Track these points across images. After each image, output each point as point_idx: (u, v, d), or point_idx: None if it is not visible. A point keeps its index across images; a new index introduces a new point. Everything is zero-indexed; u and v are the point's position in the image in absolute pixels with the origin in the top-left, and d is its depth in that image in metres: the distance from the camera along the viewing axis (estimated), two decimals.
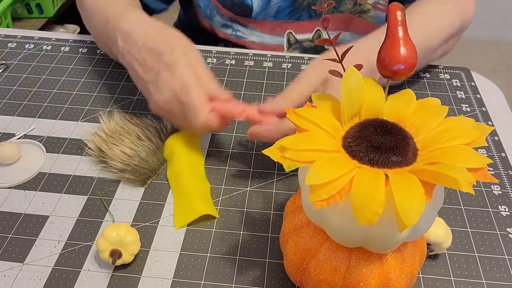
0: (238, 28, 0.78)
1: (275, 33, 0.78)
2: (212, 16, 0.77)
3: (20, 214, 0.50)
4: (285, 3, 0.74)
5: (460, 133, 0.32)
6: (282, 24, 0.77)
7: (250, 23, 0.77)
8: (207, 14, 0.77)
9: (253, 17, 0.75)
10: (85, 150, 0.56)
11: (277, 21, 0.76)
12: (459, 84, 0.69)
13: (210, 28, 0.80)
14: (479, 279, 0.45)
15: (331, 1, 0.38)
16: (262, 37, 0.78)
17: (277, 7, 0.74)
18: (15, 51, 0.73)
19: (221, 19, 0.77)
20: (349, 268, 0.36)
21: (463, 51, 2.28)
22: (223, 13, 0.76)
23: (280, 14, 0.75)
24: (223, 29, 0.78)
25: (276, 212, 0.51)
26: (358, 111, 0.36)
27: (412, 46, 0.35)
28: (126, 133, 0.56)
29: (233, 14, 0.75)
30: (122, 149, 0.54)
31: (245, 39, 0.78)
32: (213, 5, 0.75)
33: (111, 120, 0.58)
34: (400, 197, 0.28)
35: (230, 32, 0.78)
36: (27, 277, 0.45)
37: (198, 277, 0.45)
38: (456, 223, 0.50)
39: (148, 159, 0.53)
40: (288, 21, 0.76)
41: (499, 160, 0.57)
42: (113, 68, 0.70)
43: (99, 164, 0.55)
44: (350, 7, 0.74)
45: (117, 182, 0.53)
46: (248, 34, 0.78)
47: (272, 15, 0.75)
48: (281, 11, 0.75)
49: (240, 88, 0.67)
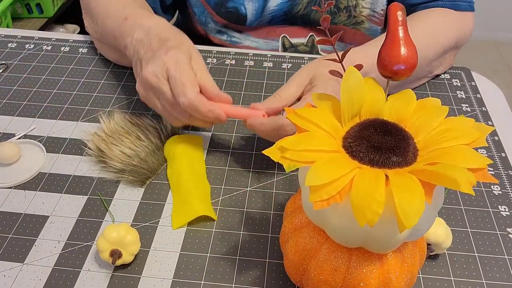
0: (233, 34, 0.78)
1: (270, 37, 0.78)
2: (207, 23, 0.78)
3: (20, 214, 0.50)
4: (279, 12, 0.74)
5: (460, 133, 0.32)
6: (276, 29, 0.77)
7: (244, 29, 0.77)
8: (202, 21, 0.78)
9: (248, 25, 0.75)
10: (85, 150, 0.56)
11: (271, 26, 0.76)
12: (459, 84, 0.69)
13: (205, 34, 0.80)
14: (479, 279, 0.45)
15: (331, 1, 0.38)
16: (257, 42, 0.78)
17: (271, 16, 0.74)
18: (15, 51, 0.73)
19: (215, 26, 0.77)
20: (349, 268, 0.36)
21: (463, 51, 2.28)
22: (217, 21, 0.76)
23: (274, 21, 0.75)
24: (218, 35, 0.79)
25: (276, 212, 0.51)
26: (358, 111, 0.36)
27: (412, 46, 0.35)
28: (126, 133, 0.56)
29: (228, 22, 0.76)
30: (121, 149, 0.54)
31: (240, 43, 0.78)
32: (208, 12, 0.76)
33: (111, 120, 0.58)
34: (400, 197, 0.28)
35: (225, 38, 0.79)
36: (27, 277, 0.45)
37: (198, 277, 0.45)
38: (456, 223, 0.50)
39: (147, 160, 0.53)
40: (282, 26, 0.76)
41: (499, 160, 0.57)
42: (113, 68, 0.70)
43: (98, 164, 0.55)
44: (344, 19, 0.74)
45: (117, 182, 0.53)
46: (243, 39, 0.78)
47: (266, 22, 0.76)
48: (275, 19, 0.75)
49: (240, 88, 0.66)
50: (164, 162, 0.55)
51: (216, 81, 0.67)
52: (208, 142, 0.59)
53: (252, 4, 0.72)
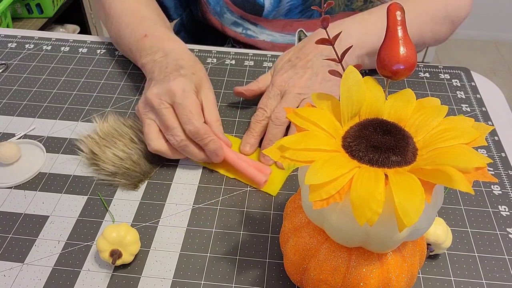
0: (248, 26, 0.77)
1: (286, 31, 0.77)
2: (222, 13, 0.77)
3: (20, 214, 0.50)
4: (297, 2, 0.73)
5: (460, 133, 0.32)
6: (293, 23, 0.76)
7: (260, 21, 0.77)
8: (217, 11, 0.77)
9: (264, 16, 0.75)
10: (78, 152, 0.56)
11: (288, 19, 0.76)
12: (459, 84, 0.69)
13: (220, 26, 0.79)
14: (479, 279, 0.45)
15: (330, 1, 0.38)
16: (273, 36, 0.78)
17: (289, 5, 0.74)
18: (15, 51, 0.73)
19: (231, 16, 0.76)
20: (349, 268, 0.36)
21: (463, 51, 2.28)
22: (234, 10, 0.75)
23: (291, 13, 0.75)
24: (233, 27, 0.78)
25: (276, 212, 0.51)
26: (358, 111, 0.36)
27: (411, 46, 0.35)
28: (119, 135, 0.56)
29: (244, 12, 0.75)
30: (114, 152, 0.53)
31: (256, 38, 0.78)
32: (223, 2, 0.75)
33: (105, 122, 0.57)
34: (400, 196, 0.28)
35: (241, 30, 0.78)
36: (27, 277, 0.45)
37: (198, 277, 0.45)
38: (456, 223, 0.50)
39: (140, 162, 0.53)
40: (299, 19, 0.76)
41: (499, 160, 0.57)
42: (113, 68, 0.70)
43: (90, 167, 0.54)
44: (361, 4, 0.74)
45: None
46: (259, 33, 0.77)
47: (283, 14, 0.75)
48: (292, 10, 0.74)
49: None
50: (157, 165, 0.55)
51: (216, 81, 0.67)
52: None
53: None
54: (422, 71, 0.70)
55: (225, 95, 0.65)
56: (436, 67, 0.72)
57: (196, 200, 0.52)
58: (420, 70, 0.70)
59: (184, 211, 0.51)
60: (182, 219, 0.50)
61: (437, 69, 0.71)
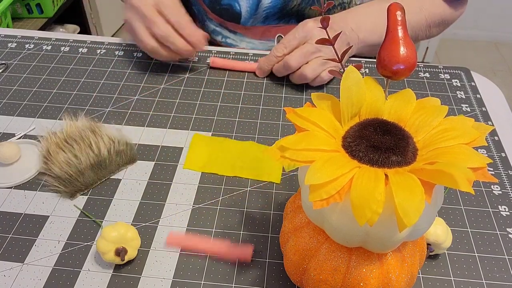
0: (227, 35, 0.78)
1: (265, 38, 0.78)
2: (204, 21, 0.78)
3: (20, 214, 0.50)
4: (274, 10, 0.74)
5: (460, 133, 0.32)
6: (271, 29, 0.77)
7: (239, 29, 0.77)
8: (200, 19, 0.78)
9: (242, 23, 0.75)
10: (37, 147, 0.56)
11: (266, 25, 0.76)
12: (459, 84, 0.69)
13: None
14: (479, 279, 0.45)
15: (330, 1, 0.38)
16: (253, 43, 0.78)
17: (265, 13, 0.74)
18: (15, 51, 0.73)
19: (210, 24, 0.78)
20: (349, 268, 0.36)
21: (463, 51, 2.28)
22: (212, 18, 0.76)
23: (269, 19, 0.75)
24: (213, 35, 0.79)
25: (276, 212, 0.51)
26: (358, 111, 0.36)
27: (411, 46, 0.35)
28: (80, 138, 0.55)
29: (222, 20, 0.76)
30: (66, 156, 0.53)
31: (236, 46, 0.79)
32: (203, 10, 0.76)
33: (73, 123, 0.57)
34: (400, 196, 0.28)
35: (220, 39, 0.79)
36: (27, 277, 0.45)
37: (198, 277, 0.45)
38: (456, 223, 0.50)
39: (85, 173, 0.52)
40: (277, 25, 0.76)
41: (499, 160, 0.57)
42: (113, 68, 0.70)
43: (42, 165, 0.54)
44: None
45: (117, 182, 0.53)
46: (238, 41, 0.78)
47: (260, 21, 0.75)
48: (269, 17, 0.75)
49: (240, 88, 0.67)
50: (103, 177, 0.53)
51: (216, 81, 0.67)
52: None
53: (246, 0, 0.72)
54: (422, 71, 0.70)
55: (224, 94, 0.65)
56: (436, 67, 0.72)
57: (196, 200, 0.52)
58: (420, 70, 0.70)
59: (184, 211, 0.51)
60: (182, 219, 0.50)
61: (437, 69, 0.71)
